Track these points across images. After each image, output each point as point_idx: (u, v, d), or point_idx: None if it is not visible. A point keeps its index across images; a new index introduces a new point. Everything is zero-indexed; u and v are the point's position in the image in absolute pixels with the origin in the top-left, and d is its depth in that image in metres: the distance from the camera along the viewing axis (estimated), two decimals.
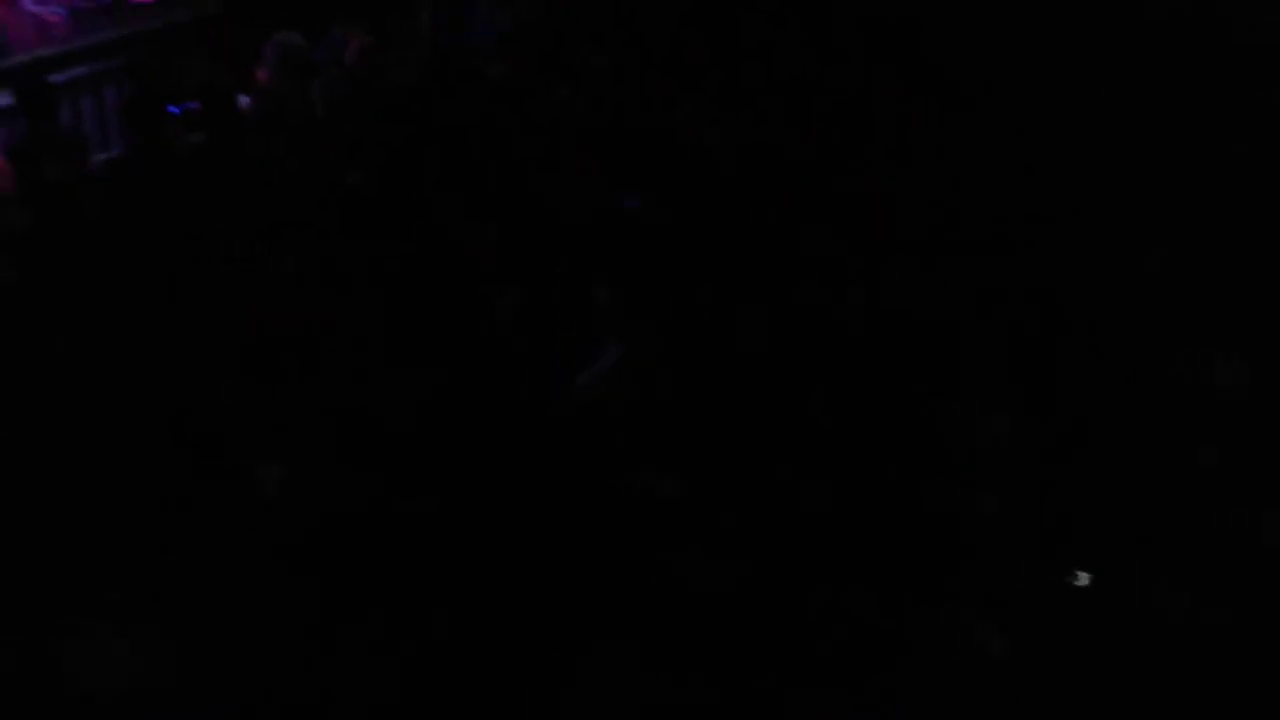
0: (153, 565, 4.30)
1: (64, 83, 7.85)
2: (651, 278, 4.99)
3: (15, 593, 4.27)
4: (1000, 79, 8.64)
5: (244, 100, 6.96)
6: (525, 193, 6.12)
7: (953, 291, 5.83)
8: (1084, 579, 4.30)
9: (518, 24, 8.54)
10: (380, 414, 4.46)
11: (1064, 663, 4.02)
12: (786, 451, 4.69)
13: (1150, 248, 6.30)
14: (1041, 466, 4.75)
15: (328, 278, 5.14)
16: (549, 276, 5.18)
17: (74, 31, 8.52)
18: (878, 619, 4.00)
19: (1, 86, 7.55)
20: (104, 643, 4.29)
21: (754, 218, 6.35)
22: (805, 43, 9.09)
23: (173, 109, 6.41)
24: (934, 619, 4.05)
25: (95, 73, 8.35)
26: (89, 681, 4.16)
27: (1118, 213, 6.78)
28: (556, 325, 4.98)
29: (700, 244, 5.97)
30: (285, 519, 4.06)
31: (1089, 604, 4.25)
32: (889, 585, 4.14)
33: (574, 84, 7.33)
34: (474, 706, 3.72)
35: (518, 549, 4.15)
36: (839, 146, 7.53)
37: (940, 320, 5.66)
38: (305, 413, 4.11)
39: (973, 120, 8.04)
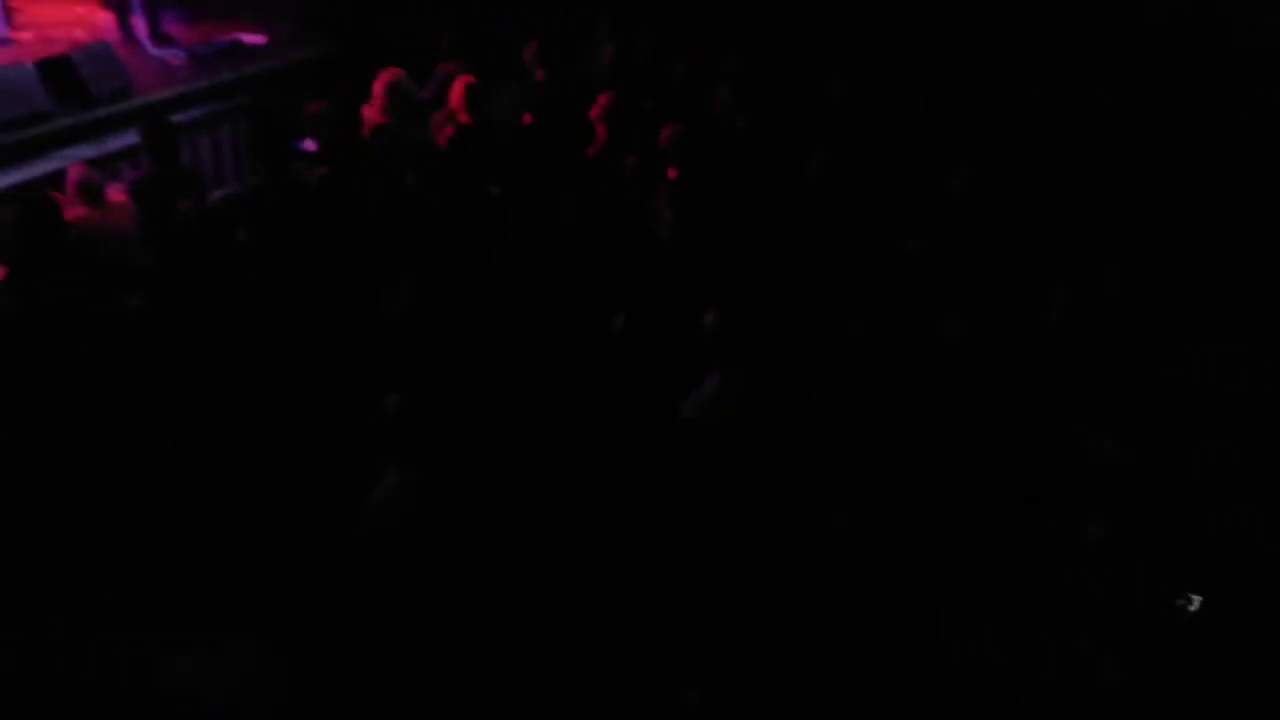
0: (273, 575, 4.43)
1: (184, 123, 8.15)
2: (757, 303, 4.98)
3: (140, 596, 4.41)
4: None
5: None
6: (633, 220, 6.18)
7: (1050, 310, 5.78)
8: (1195, 603, 4.19)
9: (624, 56, 8.61)
10: (497, 431, 4.52)
11: (1176, 689, 3.92)
12: (892, 478, 4.66)
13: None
14: (1151, 490, 4.67)
15: (447, 302, 5.23)
16: (657, 302, 5.22)
17: (194, 74, 8.84)
18: (991, 647, 3.94)
19: (126, 127, 7.88)
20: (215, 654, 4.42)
21: (855, 245, 6.35)
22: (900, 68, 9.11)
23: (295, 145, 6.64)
24: (1048, 646, 3.97)
25: (213, 113, 8.68)
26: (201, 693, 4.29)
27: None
28: (664, 349, 5.02)
29: (801, 271, 5.98)
30: (403, 527, 4.12)
31: (1201, 629, 4.15)
32: (1002, 612, 4.07)
33: (681, 114, 7.37)
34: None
35: (623, 569, 4.16)
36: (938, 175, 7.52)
37: (1040, 342, 5.62)
38: (425, 428, 4.18)
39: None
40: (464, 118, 7.24)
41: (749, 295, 4.98)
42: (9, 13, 9.27)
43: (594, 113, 7.38)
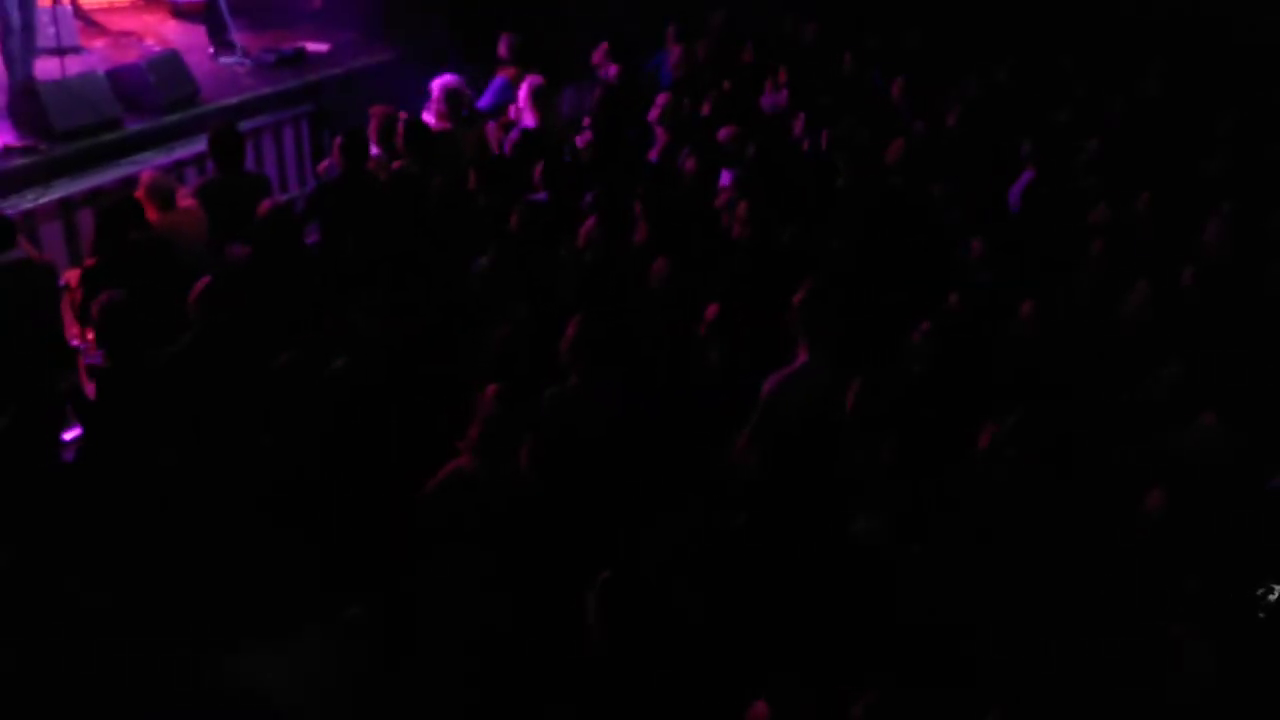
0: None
1: (249, 129, 8.26)
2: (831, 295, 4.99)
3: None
4: None
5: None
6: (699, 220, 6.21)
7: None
8: (1277, 592, 4.11)
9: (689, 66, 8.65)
10: (569, 426, 4.55)
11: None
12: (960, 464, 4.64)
13: None
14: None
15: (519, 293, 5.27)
16: (736, 293, 5.24)
17: (260, 81, 8.98)
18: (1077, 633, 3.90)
19: (193, 134, 8.00)
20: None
21: (924, 242, 6.34)
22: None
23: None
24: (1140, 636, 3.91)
25: (277, 119, 8.81)
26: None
27: None
28: (749, 336, 5.04)
29: (868, 267, 5.97)
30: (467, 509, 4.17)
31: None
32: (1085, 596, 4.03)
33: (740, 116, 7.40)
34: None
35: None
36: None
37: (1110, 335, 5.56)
38: (503, 419, 4.22)
39: None
40: (529, 120, 7.30)
41: (822, 288, 4.99)
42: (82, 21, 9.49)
43: (652, 115, 7.42)
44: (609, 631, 3.57)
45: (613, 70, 8.18)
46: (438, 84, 7.52)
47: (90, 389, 5.23)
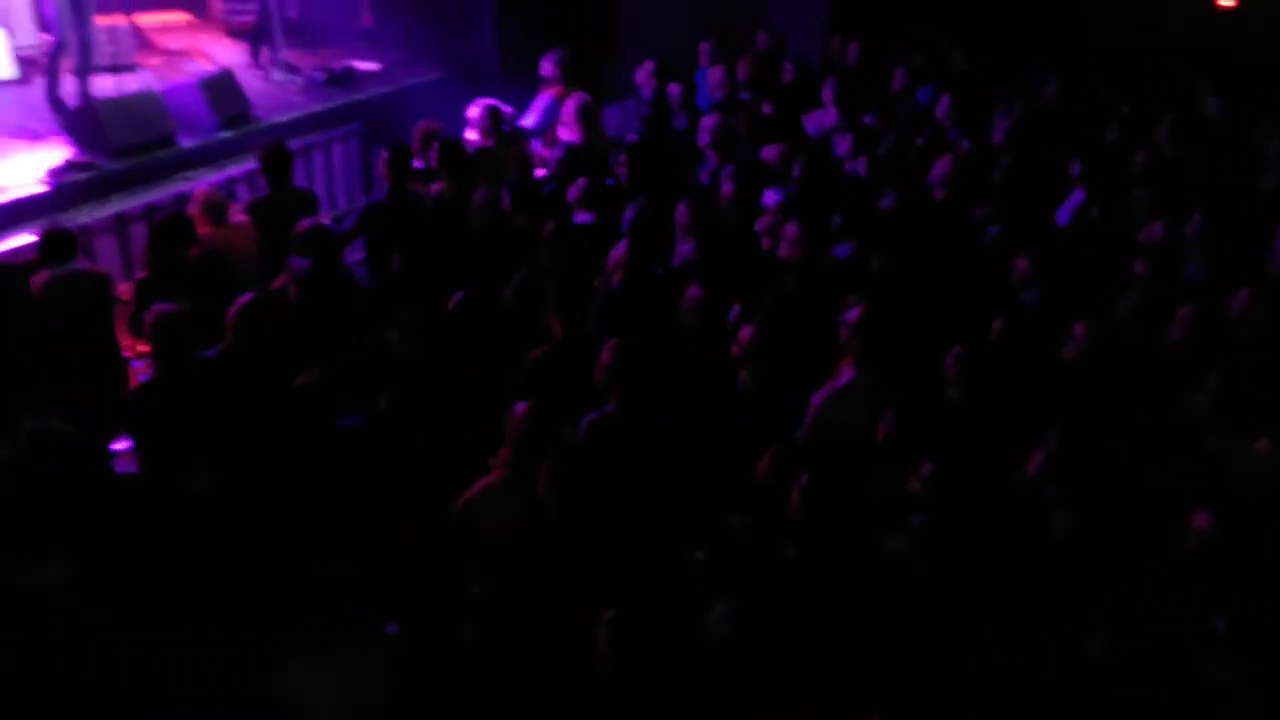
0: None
1: (299, 147, 8.38)
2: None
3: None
4: None
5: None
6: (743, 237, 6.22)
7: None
8: None
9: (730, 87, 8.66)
10: (608, 446, 4.56)
11: None
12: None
13: None
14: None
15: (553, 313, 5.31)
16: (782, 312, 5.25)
17: (311, 99, 9.12)
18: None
19: (245, 151, 8.14)
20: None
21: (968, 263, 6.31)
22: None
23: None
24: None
25: (328, 137, 8.94)
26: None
27: None
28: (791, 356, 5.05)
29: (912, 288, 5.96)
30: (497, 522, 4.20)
31: None
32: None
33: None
34: None
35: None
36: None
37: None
38: (536, 434, 4.26)
39: None
40: (574, 136, 7.35)
41: (876, 306, 5.00)
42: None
43: (703, 139, 7.41)
44: (619, 664, 3.60)
45: (675, 89, 8.19)
46: (479, 102, 7.61)
47: None
